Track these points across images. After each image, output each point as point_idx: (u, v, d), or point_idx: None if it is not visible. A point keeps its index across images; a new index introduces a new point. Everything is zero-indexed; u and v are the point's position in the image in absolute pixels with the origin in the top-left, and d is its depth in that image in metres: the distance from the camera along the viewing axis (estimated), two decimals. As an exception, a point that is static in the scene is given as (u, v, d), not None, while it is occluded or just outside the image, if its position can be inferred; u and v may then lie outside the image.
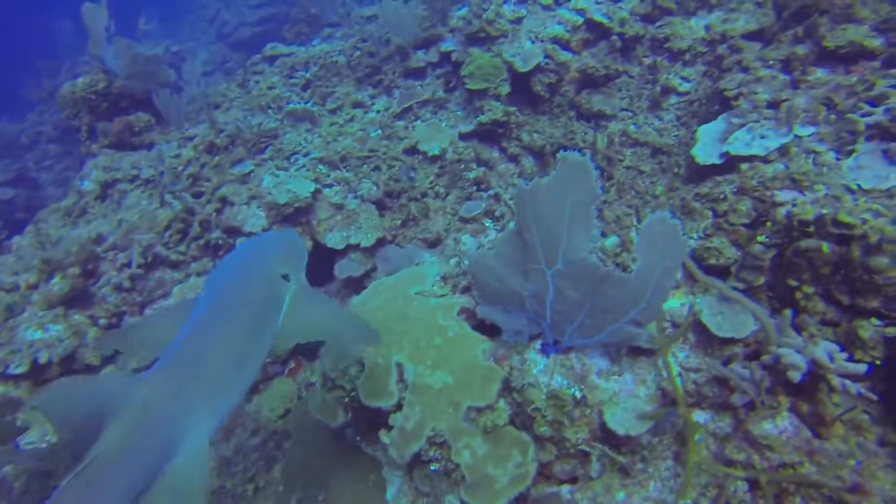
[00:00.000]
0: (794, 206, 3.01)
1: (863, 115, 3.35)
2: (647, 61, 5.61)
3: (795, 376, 2.36)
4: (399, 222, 4.76)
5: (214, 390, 1.74)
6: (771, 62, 4.47)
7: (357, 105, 5.77)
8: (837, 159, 3.35)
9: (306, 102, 5.79)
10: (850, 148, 3.34)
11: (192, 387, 1.68)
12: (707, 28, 5.45)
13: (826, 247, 2.68)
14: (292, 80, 6.20)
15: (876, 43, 3.89)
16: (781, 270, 2.91)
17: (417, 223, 4.75)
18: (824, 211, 2.78)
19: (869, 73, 3.77)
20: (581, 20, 5.44)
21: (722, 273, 3.32)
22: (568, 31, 5.38)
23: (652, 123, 5.24)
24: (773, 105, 4.11)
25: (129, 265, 4.05)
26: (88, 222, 5.08)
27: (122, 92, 6.16)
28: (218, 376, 1.76)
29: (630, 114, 5.35)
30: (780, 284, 2.93)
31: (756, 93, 4.30)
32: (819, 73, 4.12)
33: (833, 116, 3.65)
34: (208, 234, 4.55)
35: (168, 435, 1.57)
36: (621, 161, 4.91)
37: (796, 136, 3.64)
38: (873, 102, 3.41)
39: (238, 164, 5.15)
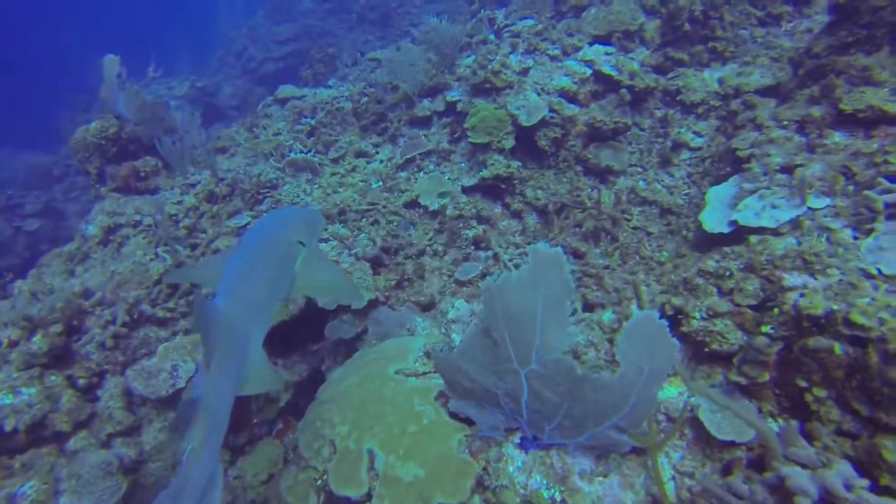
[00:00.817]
0: (802, 295, 2.74)
1: (881, 193, 3.08)
2: (658, 113, 5.42)
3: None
4: (394, 282, 4.60)
5: (259, 316, 2.39)
6: (785, 122, 4.23)
7: (360, 154, 5.70)
8: (855, 238, 3.08)
9: (308, 151, 5.75)
10: (869, 227, 3.07)
11: (248, 313, 2.29)
12: (720, 81, 5.25)
13: (838, 348, 2.42)
14: (298, 127, 6.18)
15: (897, 108, 3.63)
16: (789, 368, 2.64)
17: (412, 284, 4.58)
18: (835, 307, 2.52)
19: (890, 142, 3.50)
20: (589, 72, 5.29)
21: (727, 359, 3.05)
22: (575, 83, 5.23)
23: (662, 180, 5.01)
24: (787, 170, 3.87)
25: (113, 322, 3.98)
26: (87, 270, 5.06)
27: (132, 137, 6.23)
28: (259, 307, 2.39)
29: (640, 169, 5.14)
30: (788, 383, 2.65)
31: (769, 155, 4.06)
32: (837, 137, 3.86)
33: (851, 188, 3.39)
34: (198, 290, 4.46)
35: (245, 343, 2.22)
36: (628, 221, 4.69)
37: (810, 208, 3.38)
38: (893, 178, 3.14)
39: (235, 216, 5.09)
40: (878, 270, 2.84)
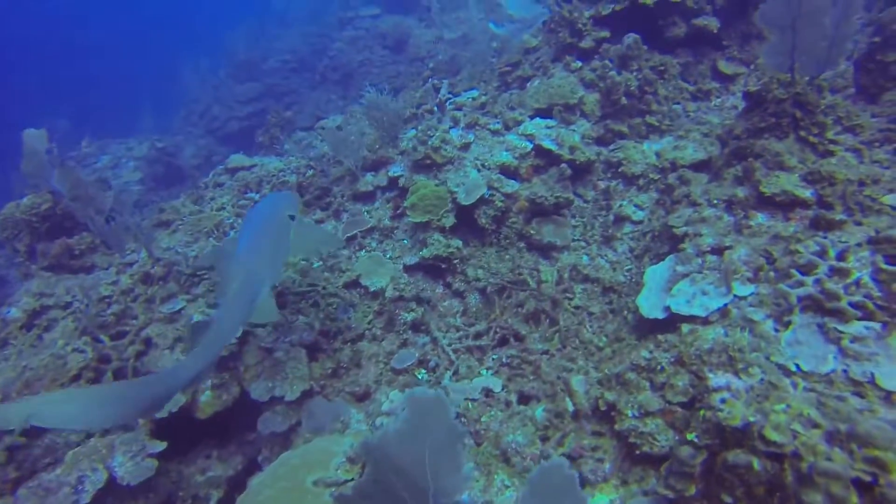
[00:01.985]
0: (723, 400, 2.68)
1: (794, 286, 3.09)
2: (601, 185, 5.49)
3: None
4: (330, 370, 4.43)
5: (270, 267, 3.23)
6: (715, 201, 4.30)
7: (302, 231, 5.59)
8: (776, 330, 3.06)
9: (249, 230, 5.62)
10: (787, 318, 3.06)
11: (261, 264, 3.11)
12: (658, 155, 5.36)
13: (756, 464, 2.34)
14: (242, 202, 6.07)
15: (806, 194, 3.72)
16: (714, 481, 2.54)
17: (348, 372, 4.42)
18: (752, 418, 2.45)
19: (802, 227, 3.57)
20: (530, 146, 5.35)
21: (659, 462, 2.95)
22: (516, 158, 5.28)
23: (605, 255, 5.02)
24: (717, 251, 3.89)
25: (12, 432, 3.68)
26: (2, 360, 4.74)
27: (66, 213, 6.04)
28: (269, 261, 3.23)
29: (583, 243, 5.14)
30: (714, 497, 2.55)
31: (701, 235, 4.10)
32: (760, 219, 3.92)
33: (772, 274, 3.40)
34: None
35: (258, 286, 3.03)
36: (570, 300, 4.64)
37: (736, 296, 3.38)
38: (803, 271, 3.16)
39: (169, 301, 4.89)
40: (797, 366, 2.81)
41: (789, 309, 3.04)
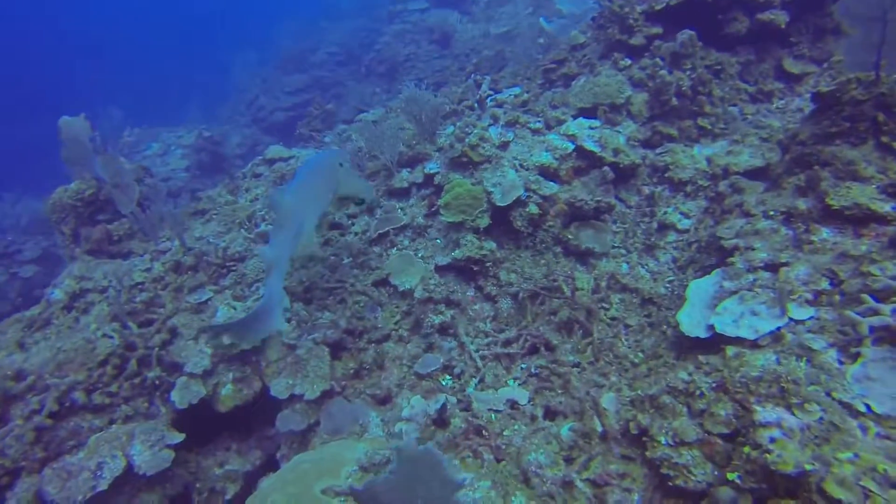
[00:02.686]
0: (772, 439, 2.39)
1: (866, 313, 2.75)
2: (645, 190, 5.17)
3: None
4: (352, 371, 4.32)
5: (316, 204, 3.93)
6: (771, 213, 3.95)
7: (335, 226, 5.51)
8: (840, 363, 2.74)
9: (281, 222, 5.56)
10: (855, 350, 2.73)
11: (309, 200, 3.79)
12: (709, 160, 5.01)
13: (809, 518, 2.06)
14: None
15: (886, 208, 3.34)
16: (757, 529, 2.27)
17: (371, 374, 4.30)
18: (808, 466, 2.17)
19: (878, 246, 3.19)
20: (571, 147, 5.09)
21: (694, 498, 2.69)
22: (556, 159, 5.02)
23: (646, 264, 4.72)
24: (771, 268, 3.56)
25: (39, 411, 3.72)
26: (39, 341, 4.84)
27: (108, 199, 6.15)
28: (317, 198, 3.93)
29: (623, 251, 4.86)
30: (756, 546, 2.28)
31: (753, 249, 3.77)
32: (824, 234, 3.56)
33: (837, 297, 3.07)
34: (147, 372, 4.22)
35: (303, 219, 3.69)
36: (606, 310, 4.38)
37: (792, 319, 3.06)
38: (878, 297, 2.81)
39: (196, 291, 4.89)
40: (867, 407, 2.49)
41: (858, 339, 2.71)
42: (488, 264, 4.68)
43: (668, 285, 4.47)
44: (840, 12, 3.75)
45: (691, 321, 3.56)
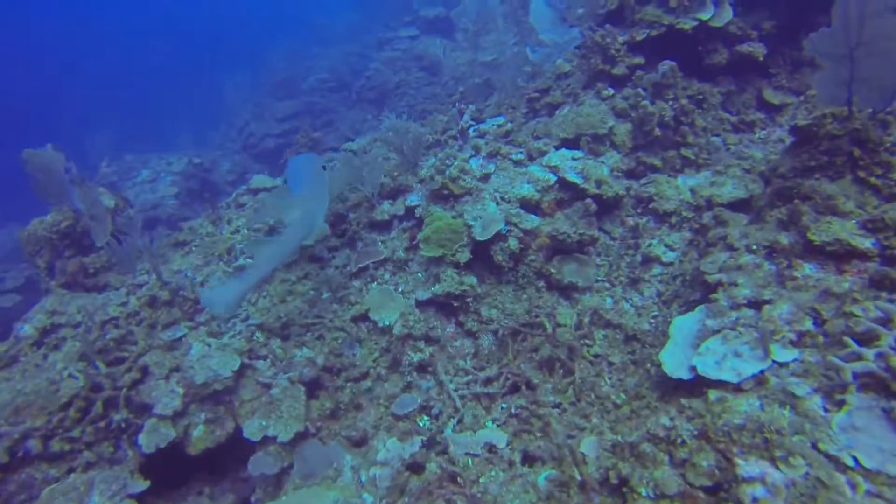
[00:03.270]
0: (755, 499, 2.27)
1: (849, 359, 2.66)
2: (630, 221, 5.11)
3: None
4: (328, 411, 4.18)
5: (317, 202, 4.37)
6: (754, 247, 3.88)
7: (314, 259, 5.40)
8: (825, 410, 2.63)
9: (260, 255, 5.46)
10: (840, 396, 2.63)
11: (313, 199, 4.33)
12: (693, 191, 4.96)
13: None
14: (257, 225, 5.94)
15: (866, 244, 3.27)
16: None
17: (347, 414, 4.16)
18: (791, 528, 2.05)
19: (859, 285, 3.11)
20: (554, 179, 5.03)
21: (676, 555, 2.55)
22: (538, 191, 4.96)
23: (631, 299, 4.63)
24: (754, 305, 3.48)
25: (-6, 462, 3.55)
26: (4, 380, 4.67)
27: (85, 231, 6.04)
28: (316, 198, 4.38)
29: (607, 285, 4.77)
30: None
31: (736, 285, 3.69)
32: (807, 269, 3.48)
33: (821, 338, 2.98)
34: (114, 414, 4.06)
35: (314, 215, 4.26)
36: (589, 347, 4.27)
37: (775, 361, 2.96)
38: (861, 341, 2.72)
39: (171, 328, 4.76)
40: (855, 461, 2.38)
41: (843, 386, 2.61)
42: (469, 300, 4.58)
43: (652, 320, 4.37)
44: (809, 49, 3.73)
45: (674, 361, 3.46)
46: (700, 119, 5.44)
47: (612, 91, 5.79)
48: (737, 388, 2.97)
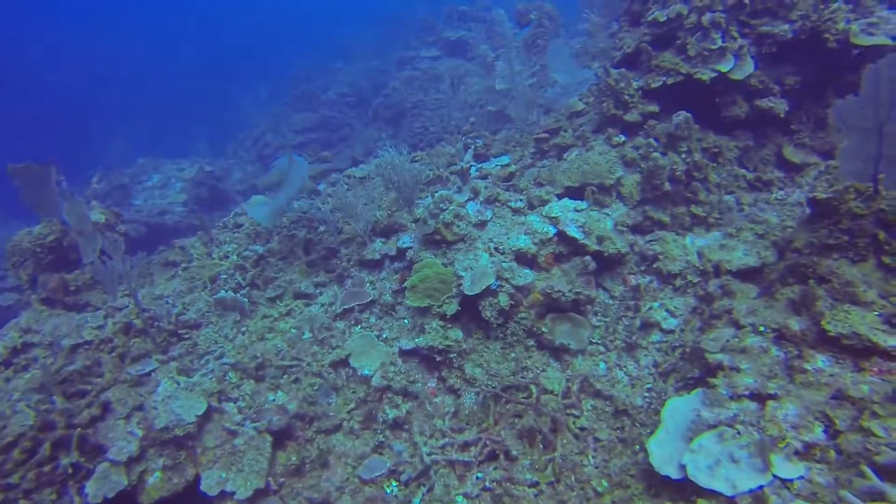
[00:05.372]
0: None
1: (865, 495, 2.33)
2: (631, 280, 4.81)
3: None
4: (293, 466, 3.92)
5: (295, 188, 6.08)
6: (762, 328, 3.56)
7: (299, 296, 5.18)
8: (829, 544, 2.31)
9: (244, 287, 5.25)
10: (846, 530, 2.30)
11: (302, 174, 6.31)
12: (700, 254, 4.66)
13: None
14: (246, 253, 5.74)
15: (890, 342, 2.95)
16: None
17: (312, 471, 3.89)
18: None
19: (881, 396, 2.79)
20: (553, 232, 4.76)
21: None
22: (535, 244, 4.70)
23: (625, 366, 4.32)
24: (758, 398, 3.16)
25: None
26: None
27: (71, 246, 5.89)
28: (297, 185, 6.07)
29: (602, 348, 4.47)
30: None
31: (739, 370, 3.38)
32: (819, 362, 3.17)
33: (832, 454, 2.65)
34: (63, 457, 3.83)
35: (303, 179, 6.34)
36: (576, 418, 3.97)
37: (776, 477, 2.64)
38: (882, 474, 2.40)
39: (140, 361, 4.55)
40: None
41: (850, 517, 2.29)
42: (453, 355, 4.30)
43: (646, 394, 4.06)
44: (834, 118, 3.44)
45: (663, 454, 3.15)
46: (714, 174, 5.14)
47: (623, 138, 5.52)
48: (730, 502, 2.66)
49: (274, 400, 4.36)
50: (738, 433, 2.94)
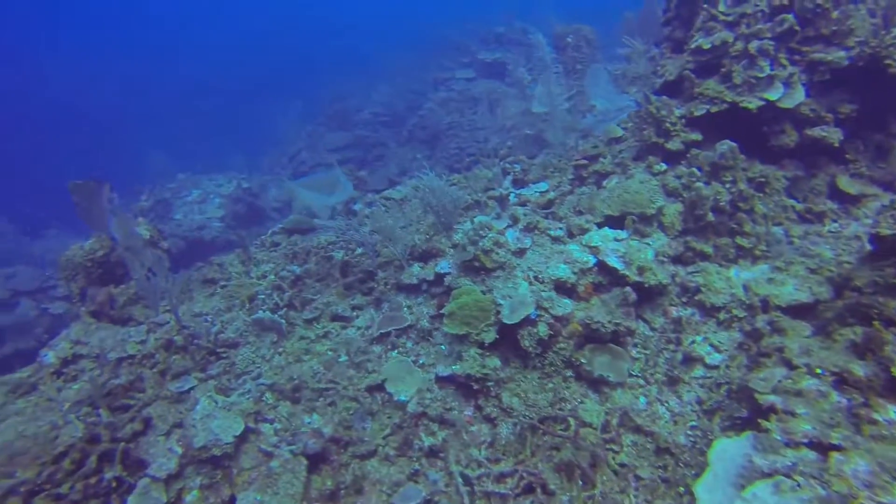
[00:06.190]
0: None
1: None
2: (672, 312, 4.70)
3: None
4: (328, 491, 3.91)
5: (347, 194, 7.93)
6: (819, 370, 3.42)
7: (336, 318, 5.21)
8: None
9: (281, 308, 5.31)
10: None
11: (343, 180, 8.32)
12: (746, 288, 4.52)
13: None
14: (283, 273, 5.83)
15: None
16: None
17: (347, 497, 3.87)
18: None
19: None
20: (592, 262, 4.69)
21: None
22: (575, 273, 4.63)
23: (667, 402, 4.20)
24: (818, 447, 3.01)
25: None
26: (15, 414, 4.62)
27: (119, 261, 6.08)
28: (347, 193, 7.90)
29: (642, 381, 4.36)
30: None
31: (795, 415, 3.24)
32: (892, 413, 3.01)
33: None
34: (107, 471, 3.90)
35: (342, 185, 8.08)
36: (615, 454, 3.86)
37: (837, 533, 2.50)
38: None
39: (180, 378, 4.63)
40: None
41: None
42: (490, 384, 4.25)
43: (690, 433, 3.92)
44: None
45: (713, 500, 3.02)
46: (760, 205, 5.00)
47: (664, 166, 5.44)
48: (786, 557, 2.53)
49: (310, 423, 4.37)
50: (798, 485, 2.81)
